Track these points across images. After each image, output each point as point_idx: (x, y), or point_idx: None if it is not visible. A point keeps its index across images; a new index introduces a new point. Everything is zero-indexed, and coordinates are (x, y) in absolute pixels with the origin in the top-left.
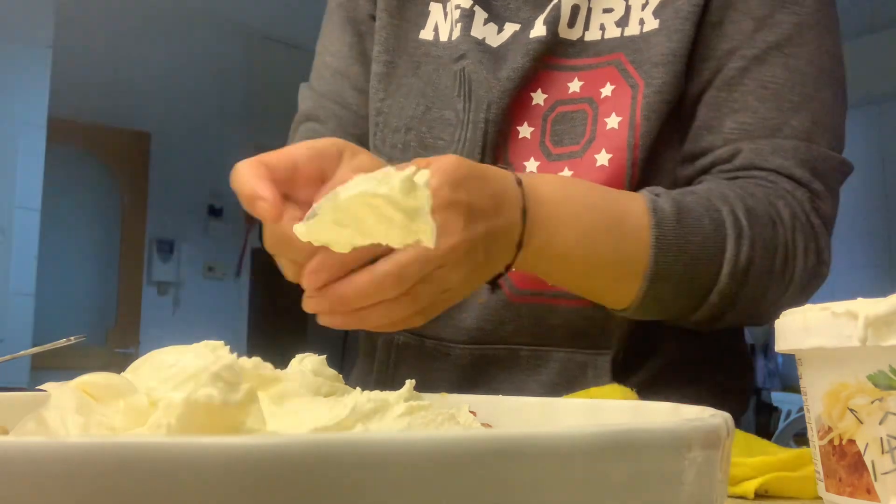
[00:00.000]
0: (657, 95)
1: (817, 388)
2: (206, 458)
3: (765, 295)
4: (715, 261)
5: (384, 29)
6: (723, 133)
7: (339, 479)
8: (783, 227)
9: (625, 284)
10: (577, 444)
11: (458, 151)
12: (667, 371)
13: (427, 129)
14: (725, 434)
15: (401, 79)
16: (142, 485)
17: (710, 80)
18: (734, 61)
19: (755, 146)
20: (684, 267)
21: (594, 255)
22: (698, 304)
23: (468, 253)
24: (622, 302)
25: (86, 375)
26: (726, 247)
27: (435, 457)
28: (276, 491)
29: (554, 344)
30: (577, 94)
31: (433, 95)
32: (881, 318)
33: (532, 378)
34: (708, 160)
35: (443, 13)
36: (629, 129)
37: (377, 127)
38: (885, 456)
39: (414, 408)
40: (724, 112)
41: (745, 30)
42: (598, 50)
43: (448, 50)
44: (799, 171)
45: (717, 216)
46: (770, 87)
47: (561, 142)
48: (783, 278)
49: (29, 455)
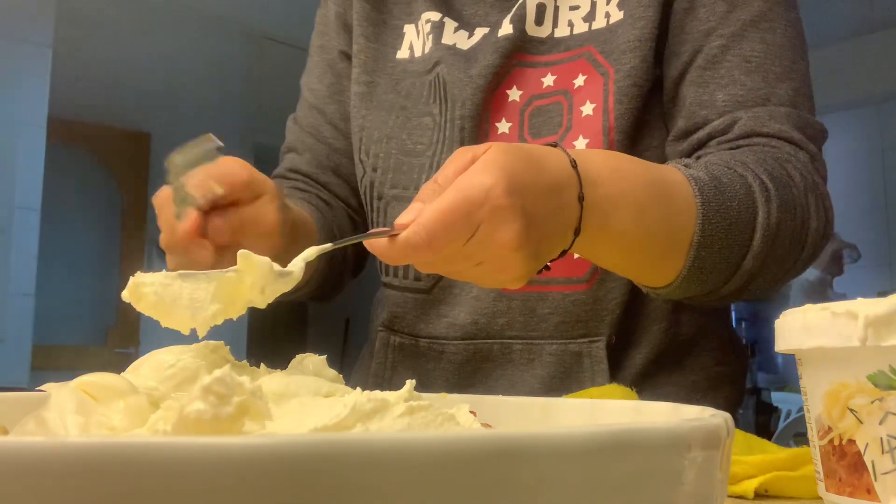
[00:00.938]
0: (627, 80)
1: (817, 388)
2: (206, 458)
3: (786, 258)
4: (749, 225)
5: (363, 52)
6: (716, 106)
7: (339, 479)
8: (797, 189)
9: (671, 257)
10: (577, 444)
11: (438, 152)
12: (661, 359)
13: (407, 136)
14: (725, 434)
15: (381, 96)
16: (142, 485)
17: (690, 60)
18: (714, 40)
19: (752, 114)
20: (725, 233)
21: (647, 230)
22: (733, 273)
23: (526, 258)
24: (667, 277)
25: (85, 376)
26: (758, 211)
27: (435, 457)
28: (276, 491)
29: (546, 336)
30: (552, 87)
31: (410, 106)
32: (881, 318)
33: (527, 372)
34: (704, 133)
35: (416, 32)
36: (603, 114)
37: (361, 141)
38: (885, 456)
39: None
40: (712, 88)
41: (718, 11)
42: (568, 45)
43: (423, 63)
44: (797, 134)
45: (744, 181)
46: (753, 60)
47: (539, 133)
48: (801, 239)
49: (29, 455)
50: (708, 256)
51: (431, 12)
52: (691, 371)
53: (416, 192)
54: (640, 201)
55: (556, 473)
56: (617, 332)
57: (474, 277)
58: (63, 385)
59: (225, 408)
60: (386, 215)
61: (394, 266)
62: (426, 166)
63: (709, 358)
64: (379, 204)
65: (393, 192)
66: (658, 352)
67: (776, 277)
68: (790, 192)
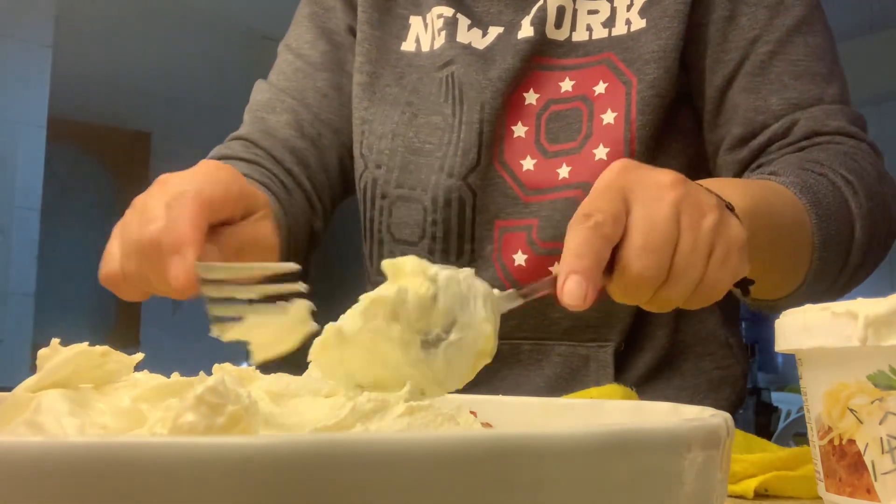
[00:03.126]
0: (651, 90)
1: (817, 388)
2: (206, 458)
3: (880, 246)
4: (847, 220)
5: (366, 41)
6: (772, 111)
7: (340, 479)
8: (871, 178)
9: (794, 265)
10: (577, 444)
11: (449, 154)
12: (663, 363)
13: (414, 134)
14: (725, 434)
15: (384, 88)
16: (142, 485)
17: (737, 68)
18: (760, 46)
19: (809, 114)
20: (836, 231)
21: (776, 242)
22: (842, 269)
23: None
24: (793, 283)
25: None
26: (850, 205)
27: (435, 457)
28: (276, 491)
29: (556, 338)
30: (570, 92)
31: (418, 103)
32: (881, 318)
33: (534, 373)
34: (764, 138)
35: (423, 25)
36: (625, 123)
37: (363, 135)
38: (885, 456)
39: (414, 408)
40: (764, 93)
41: (761, 18)
42: (587, 50)
43: (431, 59)
44: (854, 129)
45: (826, 179)
46: (800, 64)
47: (557, 139)
48: (887, 226)
49: (29, 455)
50: (828, 256)
51: (443, 7)
52: (692, 375)
53: (423, 192)
54: (773, 208)
55: (556, 473)
56: (626, 340)
57: (702, 278)
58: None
59: (217, 418)
60: (391, 215)
61: None
62: (435, 167)
63: (709, 362)
64: (383, 203)
65: (399, 192)
66: (661, 356)
67: (871, 267)
68: (868, 182)
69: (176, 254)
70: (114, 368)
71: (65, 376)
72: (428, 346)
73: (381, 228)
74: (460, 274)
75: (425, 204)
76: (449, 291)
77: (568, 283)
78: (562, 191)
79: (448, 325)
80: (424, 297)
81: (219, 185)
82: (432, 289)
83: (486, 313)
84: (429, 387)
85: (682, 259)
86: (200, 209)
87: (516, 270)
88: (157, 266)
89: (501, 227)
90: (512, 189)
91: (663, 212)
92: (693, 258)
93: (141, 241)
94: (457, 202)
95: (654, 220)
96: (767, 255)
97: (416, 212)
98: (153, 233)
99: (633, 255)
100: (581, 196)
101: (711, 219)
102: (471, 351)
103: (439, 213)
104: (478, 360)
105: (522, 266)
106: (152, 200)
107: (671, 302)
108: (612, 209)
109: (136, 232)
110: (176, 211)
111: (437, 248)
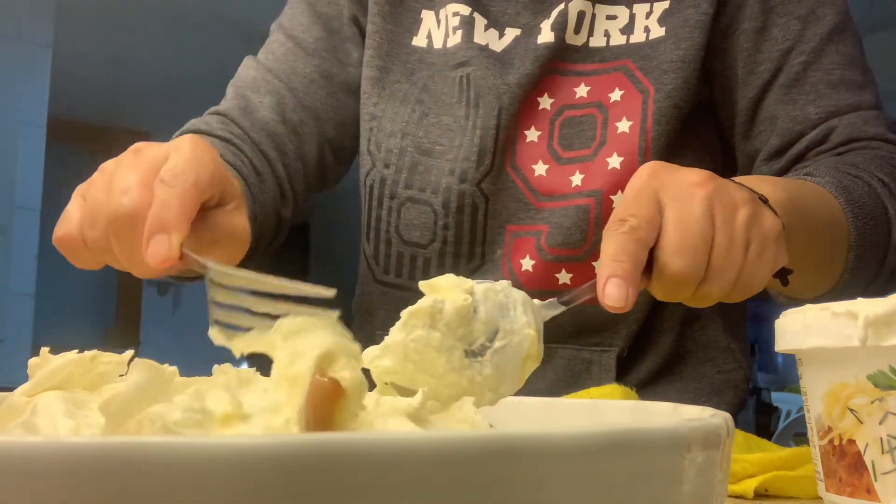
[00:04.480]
0: (668, 100)
1: (817, 388)
2: (206, 458)
3: None
4: (883, 220)
5: (377, 34)
6: (810, 119)
7: (339, 479)
8: None
9: (830, 264)
10: (577, 444)
11: (461, 157)
12: (665, 368)
13: (424, 134)
14: (725, 434)
15: (393, 84)
16: (142, 485)
17: (771, 79)
18: (795, 57)
19: (846, 121)
20: (873, 228)
21: (811, 244)
22: (878, 271)
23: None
24: (828, 282)
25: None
26: (886, 206)
27: (435, 457)
28: (275, 490)
29: (561, 341)
30: (585, 98)
31: (429, 102)
32: (881, 318)
33: (537, 375)
34: (802, 146)
35: (435, 20)
36: (640, 132)
37: (371, 132)
38: (885, 456)
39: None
40: (801, 103)
41: (793, 29)
42: (603, 56)
43: (445, 57)
44: (890, 134)
45: (862, 181)
46: (834, 73)
47: (570, 146)
48: None
49: (29, 455)
50: (865, 255)
51: (460, 5)
52: (694, 379)
53: (434, 194)
54: (810, 210)
55: (556, 473)
56: (630, 345)
57: (741, 271)
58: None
59: None
60: (399, 216)
61: (395, 265)
62: (445, 170)
63: (711, 367)
64: (391, 203)
65: (408, 193)
66: (663, 361)
67: None
68: None
69: (160, 232)
70: (105, 370)
71: (57, 384)
72: (474, 355)
73: (388, 229)
74: (497, 285)
75: (436, 207)
76: (488, 302)
77: (609, 287)
78: (573, 198)
79: (491, 334)
80: (463, 307)
81: (205, 170)
82: (470, 300)
83: (527, 318)
84: (483, 394)
85: (718, 256)
86: (193, 192)
87: (523, 276)
88: (129, 240)
89: (513, 232)
90: (524, 194)
91: (696, 210)
92: (730, 254)
93: (115, 212)
94: (469, 207)
95: (687, 220)
96: (803, 251)
97: (426, 214)
98: (128, 205)
99: (669, 256)
100: (592, 205)
101: (745, 213)
102: (518, 356)
103: (451, 217)
104: (527, 364)
105: (529, 272)
106: (124, 171)
107: (712, 297)
108: (645, 213)
109: (105, 200)
110: (167, 191)
111: (448, 251)
